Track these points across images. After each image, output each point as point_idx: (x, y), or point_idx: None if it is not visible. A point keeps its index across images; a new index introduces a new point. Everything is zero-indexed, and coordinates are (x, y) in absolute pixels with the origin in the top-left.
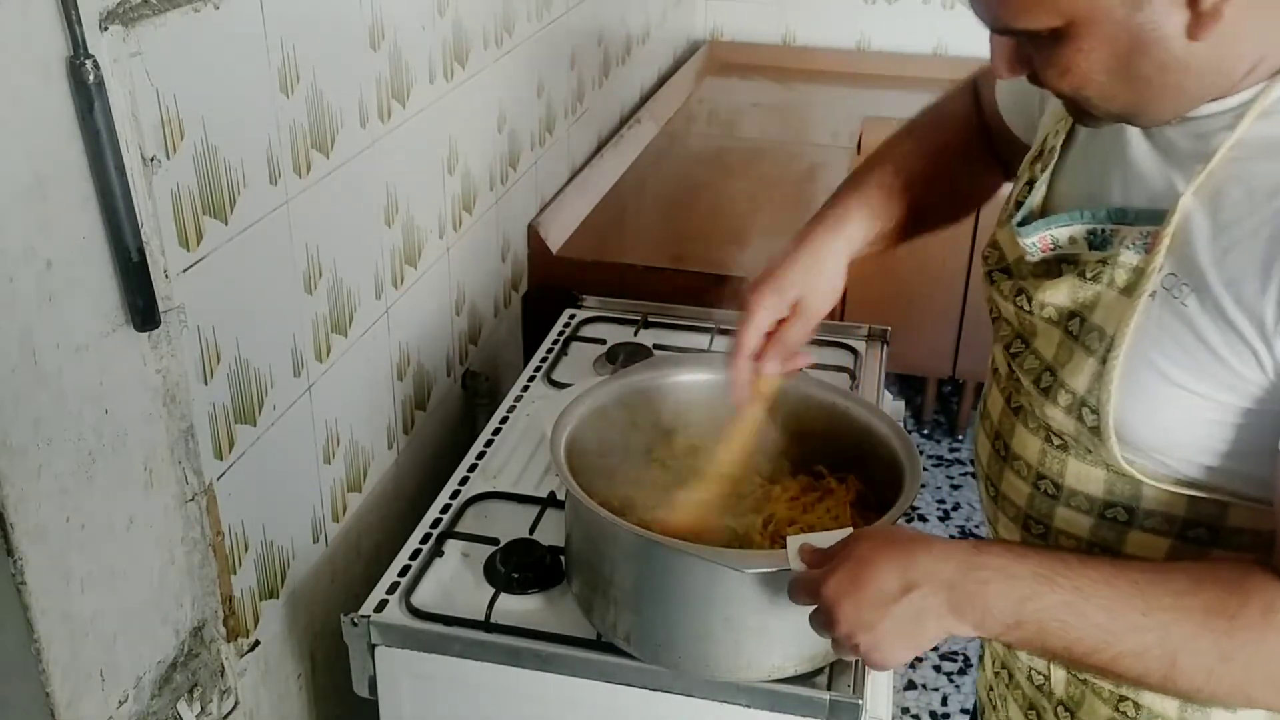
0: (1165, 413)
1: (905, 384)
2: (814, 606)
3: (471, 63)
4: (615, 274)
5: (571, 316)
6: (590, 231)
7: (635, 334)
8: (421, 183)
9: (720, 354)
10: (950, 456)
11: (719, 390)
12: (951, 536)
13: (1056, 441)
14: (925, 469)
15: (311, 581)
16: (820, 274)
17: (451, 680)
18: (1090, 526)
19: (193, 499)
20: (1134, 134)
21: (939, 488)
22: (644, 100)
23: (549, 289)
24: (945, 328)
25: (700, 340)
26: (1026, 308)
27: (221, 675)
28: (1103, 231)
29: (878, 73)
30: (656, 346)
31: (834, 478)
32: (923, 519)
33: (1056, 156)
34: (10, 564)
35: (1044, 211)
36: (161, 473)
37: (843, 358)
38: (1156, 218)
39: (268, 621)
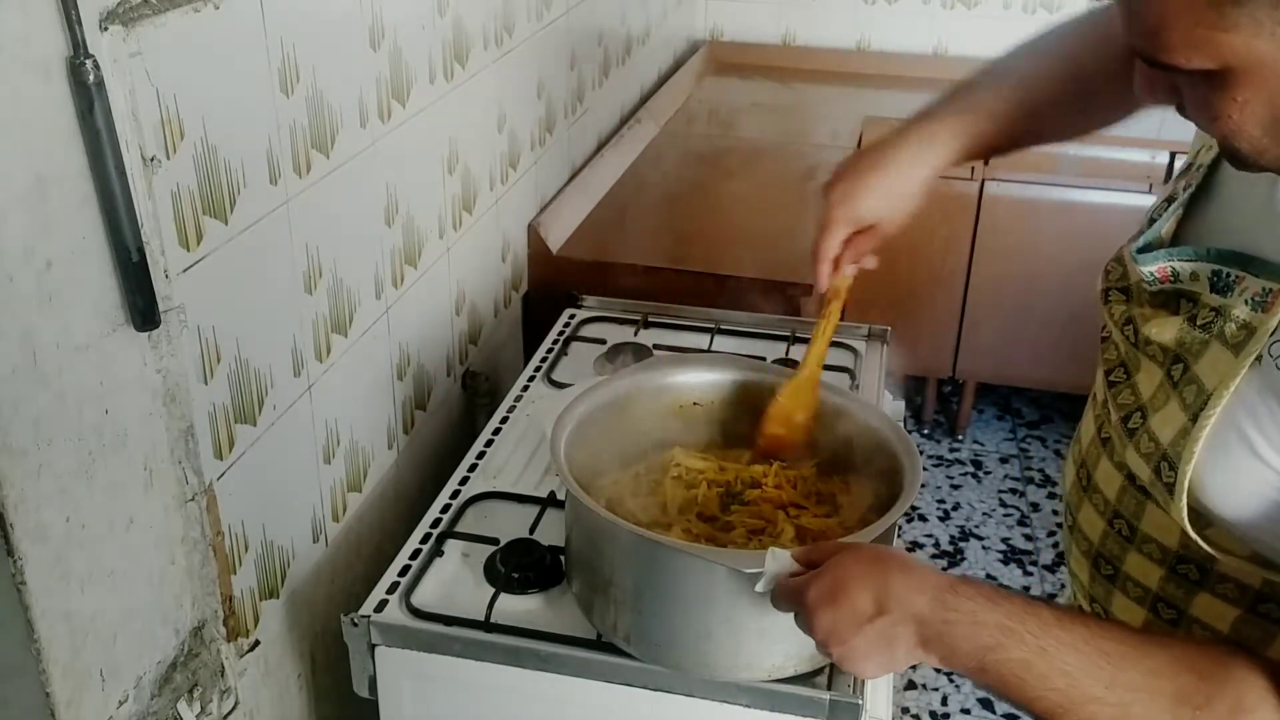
0: (1248, 487)
1: (905, 384)
2: (795, 611)
3: (471, 63)
4: (615, 274)
5: (571, 316)
6: (590, 231)
7: (635, 334)
8: (421, 183)
9: (720, 354)
10: (950, 456)
11: (718, 390)
12: (951, 536)
13: (1138, 481)
14: (925, 469)
15: (311, 581)
16: (899, 201)
17: (451, 680)
18: (1160, 579)
19: (193, 499)
20: None
21: (939, 488)
22: (644, 100)
23: (549, 289)
24: (945, 328)
25: (700, 340)
26: (1133, 339)
27: (221, 675)
28: (1228, 275)
29: (878, 73)
30: (656, 346)
31: (838, 479)
32: (923, 519)
33: (1201, 177)
34: (10, 564)
35: (1175, 238)
36: (161, 473)
37: (843, 358)
38: None
39: (268, 621)
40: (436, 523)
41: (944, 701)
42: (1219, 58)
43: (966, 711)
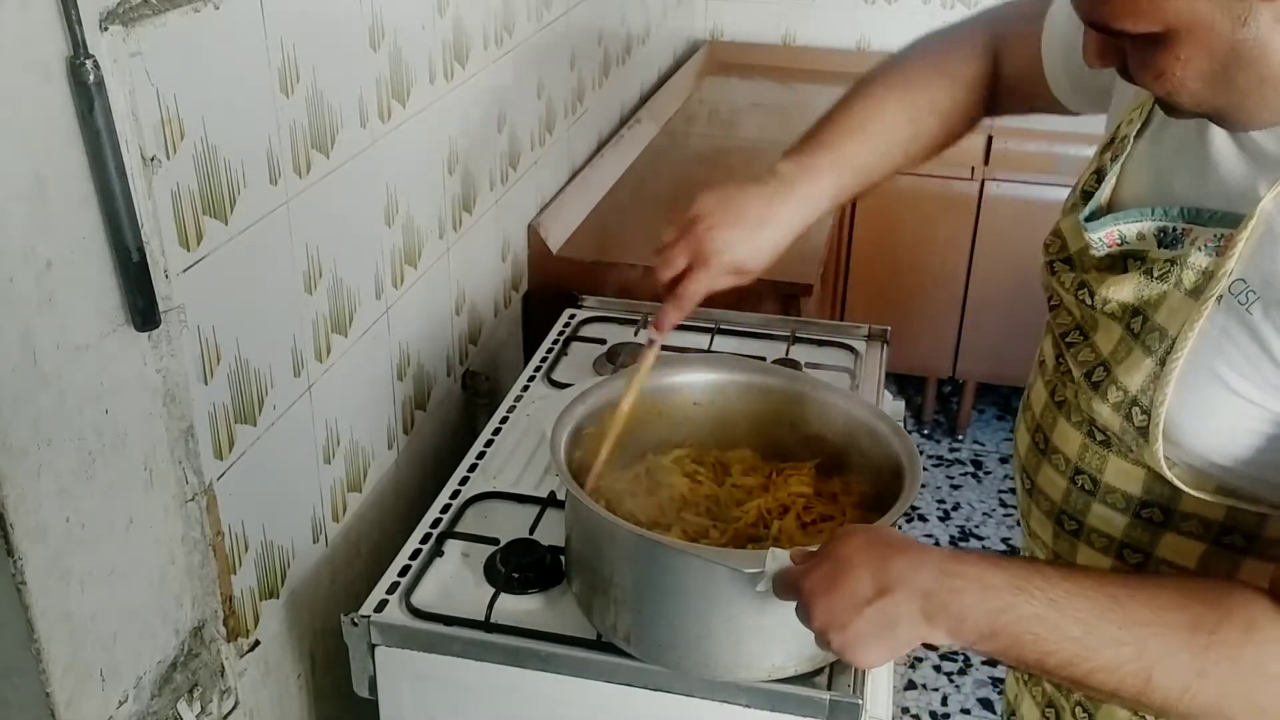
0: (1219, 420)
1: (905, 384)
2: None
3: (471, 63)
4: (615, 274)
5: (571, 316)
6: (590, 231)
7: (635, 334)
8: (421, 183)
9: (720, 354)
10: (950, 456)
11: (719, 390)
12: (951, 537)
13: (1099, 437)
14: (925, 469)
15: (311, 581)
16: (774, 254)
17: (451, 680)
18: (1124, 525)
19: (193, 499)
20: (1216, 130)
21: (939, 488)
22: (644, 100)
23: (549, 289)
24: (945, 328)
25: (700, 340)
26: (1089, 301)
27: (221, 675)
28: (1174, 230)
29: None
30: None
31: (838, 479)
32: (923, 519)
33: (1129, 147)
34: (10, 564)
35: (1111, 204)
36: (161, 473)
37: (843, 358)
38: (1232, 220)
39: (268, 621)
40: (436, 523)
41: (944, 701)
42: (1163, 20)
43: (966, 711)
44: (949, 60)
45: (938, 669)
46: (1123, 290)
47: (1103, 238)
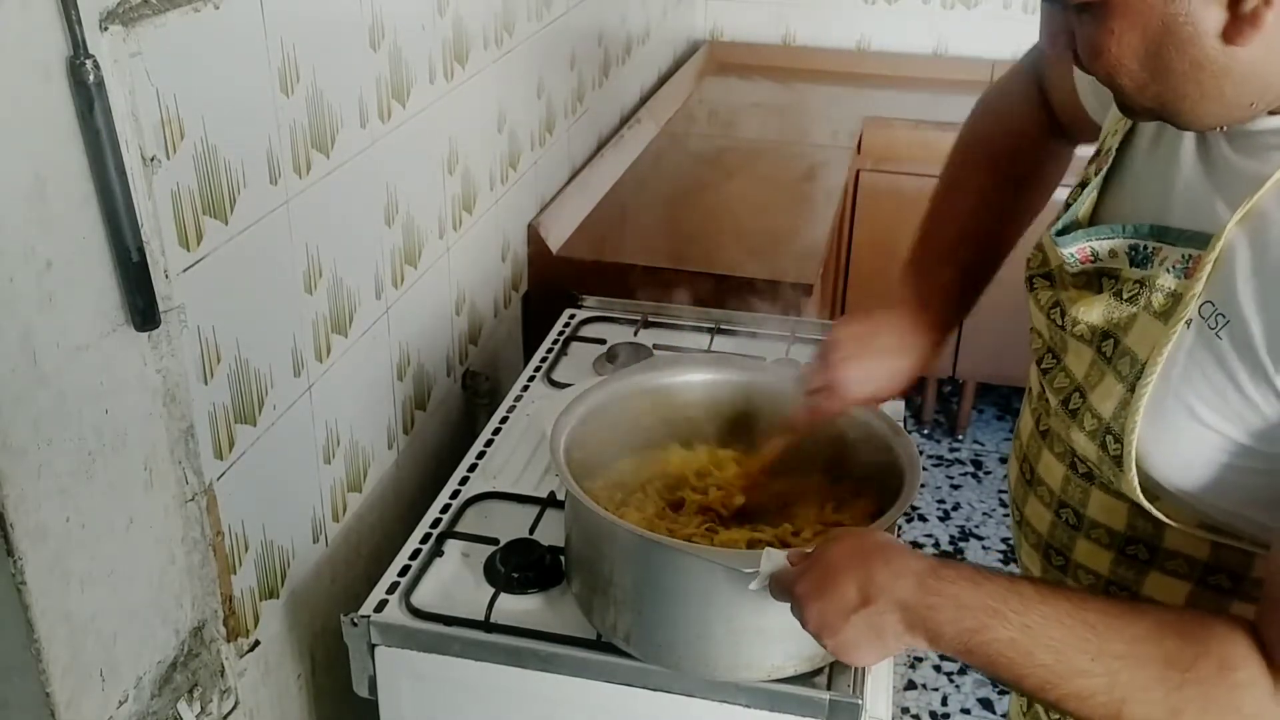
0: (1189, 450)
1: None
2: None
3: (471, 63)
4: (615, 274)
5: (571, 316)
6: (590, 231)
7: (635, 334)
8: (421, 183)
9: (719, 353)
10: (950, 456)
11: (718, 390)
12: (951, 536)
13: (1081, 469)
14: (925, 469)
15: (311, 581)
16: (904, 377)
17: (451, 680)
18: (1110, 562)
19: (193, 499)
20: (1188, 146)
21: (939, 488)
22: (644, 100)
23: (549, 289)
24: None
25: (700, 340)
26: (1059, 322)
27: (221, 675)
28: (1145, 248)
29: (878, 73)
30: (656, 346)
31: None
32: (923, 519)
33: (1111, 160)
34: (10, 564)
35: (1093, 219)
36: (161, 473)
37: None
38: (1199, 241)
39: (268, 621)
40: (436, 523)
41: (944, 701)
42: None
43: (966, 711)
44: (1008, 117)
45: (938, 669)
46: (1092, 312)
47: (1075, 253)
